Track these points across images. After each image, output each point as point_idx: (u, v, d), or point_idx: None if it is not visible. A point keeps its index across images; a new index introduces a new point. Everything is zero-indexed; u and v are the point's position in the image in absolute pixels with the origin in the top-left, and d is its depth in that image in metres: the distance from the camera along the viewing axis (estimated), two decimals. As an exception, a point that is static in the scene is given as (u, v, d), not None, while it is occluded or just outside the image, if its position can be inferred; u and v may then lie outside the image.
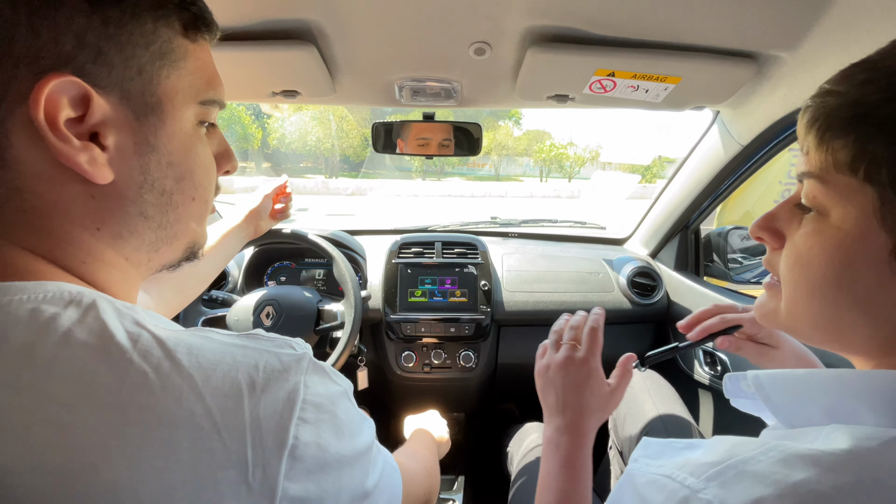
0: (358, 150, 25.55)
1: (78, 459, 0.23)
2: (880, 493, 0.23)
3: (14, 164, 0.28)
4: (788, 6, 0.59)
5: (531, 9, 0.63)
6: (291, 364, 0.31)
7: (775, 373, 0.35)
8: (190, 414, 0.26)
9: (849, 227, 0.30)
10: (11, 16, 0.26)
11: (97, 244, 0.33)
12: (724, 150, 0.99)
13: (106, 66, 0.29)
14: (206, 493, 0.25)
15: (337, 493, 0.31)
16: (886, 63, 0.28)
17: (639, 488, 0.31)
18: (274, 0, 0.60)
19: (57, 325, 0.26)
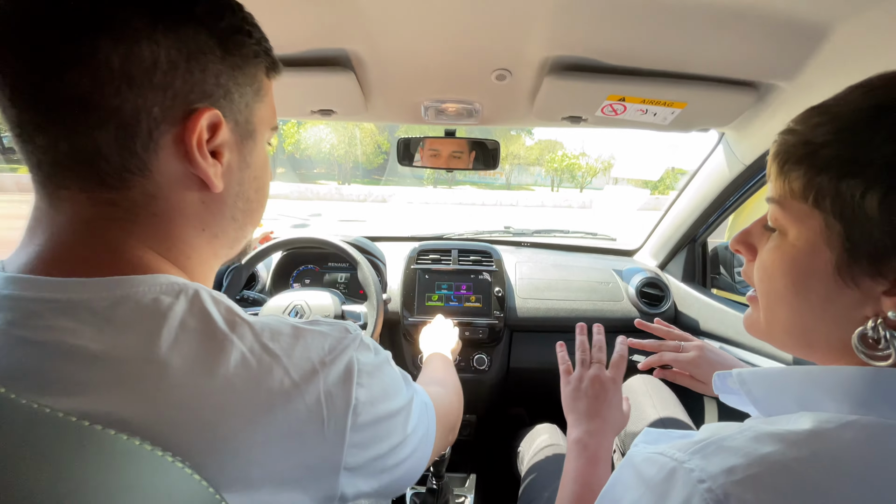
0: (371, 157, 25.86)
1: (200, 417, 0.30)
2: (833, 464, 0.28)
3: (155, 175, 0.35)
4: (786, 41, 0.65)
5: (550, 41, 0.70)
6: (348, 343, 0.39)
7: (756, 370, 0.40)
8: (280, 384, 0.33)
9: (802, 245, 0.35)
10: (175, 58, 0.33)
11: (199, 242, 0.40)
12: (728, 168, 1.04)
13: (229, 101, 0.37)
14: (295, 442, 0.33)
15: (386, 436, 0.40)
16: (835, 109, 0.33)
17: (636, 465, 0.36)
18: (321, 32, 0.69)
19: (174, 313, 0.32)
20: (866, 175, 0.30)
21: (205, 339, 0.32)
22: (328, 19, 0.65)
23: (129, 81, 0.31)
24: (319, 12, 0.63)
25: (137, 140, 0.33)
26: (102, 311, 0.30)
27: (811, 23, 0.60)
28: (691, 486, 0.29)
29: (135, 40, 0.31)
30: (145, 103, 0.32)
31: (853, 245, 0.31)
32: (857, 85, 0.33)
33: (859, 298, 0.32)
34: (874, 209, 0.29)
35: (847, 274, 0.32)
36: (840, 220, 0.32)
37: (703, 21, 0.62)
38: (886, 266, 0.30)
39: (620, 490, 0.36)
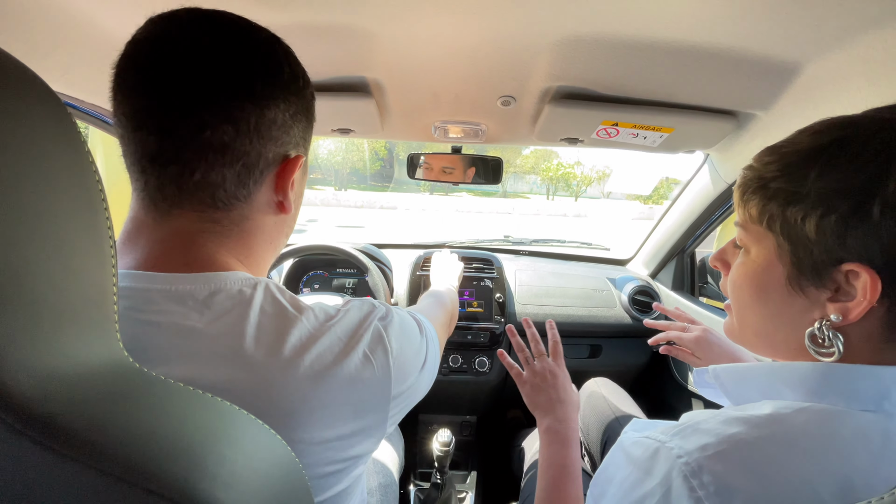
0: (367, 163, 25.92)
1: (281, 380, 0.37)
2: (788, 441, 0.32)
3: (252, 202, 0.44)
4: (762, 77, 0.73)
5: (551, 74, 0.78)
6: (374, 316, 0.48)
7: (727, 366, 0.46)
8: (336, 347, 0.41)
9: (760, 261, 0.41)
10: (283, 118, 0.43)
11: (266, 253, 0.49)
12: (713, 185, 1.13)
13: (304, 147, 0.48)
14: (357, 385, 0.41)
15: (413, 360, 0.51)
16: (784, 150, 0.39)
17: (625, 448, 0.41)
18: (345, 62, 0.76)
19: (255, 300, 0.40)
20: (804, 203, 0.36)
21: (280, 320, 0.40)
22: (352, 51, 0.73)
23: (259, 134, 0.41)
24: (345, 45, 0.71)
25: (251, 176, 0.42)
26: (203, 299, 0.38)
27: (783, 61, 0.68)
28: (671, 461, 0.34)
29: (266, 105, 0.41)
30: (264, 150, 0.42)
31: (798, 260, 0.37)
32: (803, 129, 0.39)
33: (808, 305, 0.38)
34: (812, 231, 0.35)
35: (796, 284, 0.38)
36: (787, 240, 0.38)
37: (687, 58, 0.70)
38: (826, 277, 0.36)
39: (612, 470, 0.41)
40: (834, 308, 0.36)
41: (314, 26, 0.66)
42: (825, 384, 0.36)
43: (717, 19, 0.59)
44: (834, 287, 0.36)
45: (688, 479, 0.32)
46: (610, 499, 0.39)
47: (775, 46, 0.64)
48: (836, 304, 0.36)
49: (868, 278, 0.33)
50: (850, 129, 0.35)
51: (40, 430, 0.23)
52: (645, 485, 0.35)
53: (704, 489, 0.31)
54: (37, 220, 0.23)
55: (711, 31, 0.62)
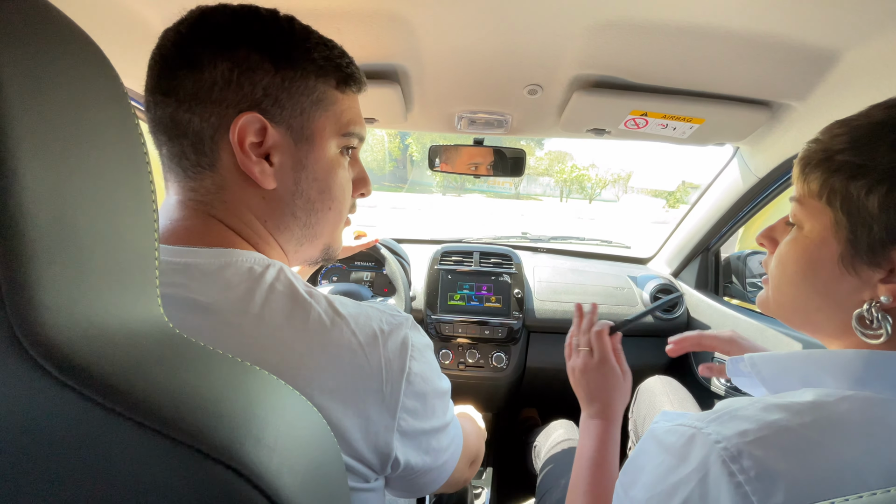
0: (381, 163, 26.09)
1: (287, 360, 0.36)
2: (830, 427, 0.32)
3: (220, 170, 0.42)
4: (798, 65, 0.71)
5: (580, 61, 0.77)
6: (402, 321, 0.45)
7: (764, 354, 0.45)
8: (349, 342, 0.39)
9: (814, 237, 0.40)
10: (229, 76, 0.40)
11: (265, 232, 0.46)
12: (742, 180, 1.10)
13: (279, 108, 0.42)
14: (358, 393, 0.39)
15: (430, 414, 0.45)
16: (854, 123, 0.38)
17: (658, 436, 0.40)
18: (376, 49, 0.76)
19: (265, 279, 0.40)
20: (870, 177, 0.35)
21: (290, 300, 0.39)
22: (382, 37, 0.73)
23: (197, 100, 0.40)
24: (378, 32, 0.71)
25: (205, 143, 0.41)
26: (210, 273, 0.38)
27: (821, 49, 0.66)
28: (709, 446, 0.33)
29: (201, 68, 0.39)
30: (206, 115, 0.40)
31: (855, 238, 0.36)
32: (876, 104, 0.38)
33: (858, 285, 0.37)
34: (875, 207, 0.34)
35: (849, 263, 0.37)
36: (847, 216, 0.37)
37: (721, 44, 0.68)
38: (883, 257, 0.35)
39: (643, 459, 0.40)
40: (887, 290, 0.35)
41: (345, 12, 0.66)
42: (870, 372, 0.35)
43: (754, 3, 0.58)
44: (889, 268, 0.35)
45: (727, 464, 0.31)
46: (641, 487, 0.38)
47: (813, 32, 0.62)
48: (889, 286, 0.35)
49: None
50: None
51: (82, 381, 0.23)
52: (679, 471, 0.34)
53: (745, 474, 0.30)
54: (85, 175, 0.23)
55: (747, 16, 0.61)
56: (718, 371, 0.72)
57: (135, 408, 0.24)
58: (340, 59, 0.46)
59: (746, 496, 0.30)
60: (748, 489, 0.30)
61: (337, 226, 0.53)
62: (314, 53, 0.44)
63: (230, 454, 0.24)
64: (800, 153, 0.42)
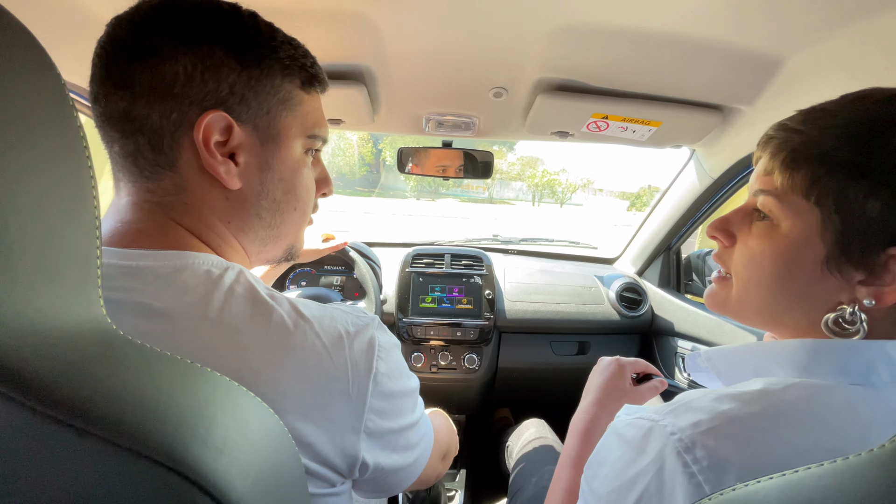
0: (354, 168, 25.83)
1: (248, 365, 0.35)
2: (778, 415, 0.32)
3: (181, 170, 0.41)
4: (746, 70, 0.75)
5: (543, 65, 0.79)
6: (368, 322, 0.44)
7: (718, 348, 0.46)
8: (313, 344, 0.39)
9: (795, 237, 0.38)
10: (192, 72, 0.39)
11: (227, 234, 0.45)
12: (699, 181, 1.15)
13: (246, 107, 0.41)
14: (324, 395, 0.38)
15: (398, 414, 0.45)
16: (843, 116, 0.35)
17: (618, 430, 0.40)
18: (341, 49, 0.76)
19: (223, 282, 0.38)
20: (872, 180, 0.33)
21: (250, 303, 0.38)
22: (348, 38, 0.73)
23: (157, 95, 0.38)
24: (341, 31, 0.71)
25: (164, 141, 0.39)
26: (165, 277, 0.37)
27: (766, 55, 0.70)
28: (665, 438, 0.34)
29: (159, 61, 0.38)
30: (167, 111, 0.38)
31: (846, 240, 0.35)
32: (857, 95, 0.36)
33: (838, 286, 0.36)
34: (876, 209, 0.33)
35: (834, 265, 0.36)
36: (840, 217, 0.35)
37: (676, 50, 0.71)
38: (871, 260, 0.34)
39: (605, 452, 0.41)
40: (867, 292, 0.35)
41: (306, 10, 0.66)
42: (814, 360, 0.37)
43: (706, 10, 0.61)
44: (871, 269, 0.35)
45: (681, 455, 0.32)
46: (602, 479, 0.39)
47: (759, 39, 0.66)
48: (869, 288, 0.35)
49: None
50: None
51: (14, 385, 0.22)
52: (638, 463, 0.35)
53: (698, 464, 0.31)
54: (13, 170, 0.22)
55: (700, 23, 0.64)
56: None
57: (71, 411, 0.22)
58: (305, 58, 0.46)
59: (699, 485, 0.31)
60: (701, 478, 0.31)
61: (301, 226, 0.53)
62: (280, 52, 0.43)
63: (173, 456, 0.23)
64: (774, 143, 0.39)
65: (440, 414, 0.75)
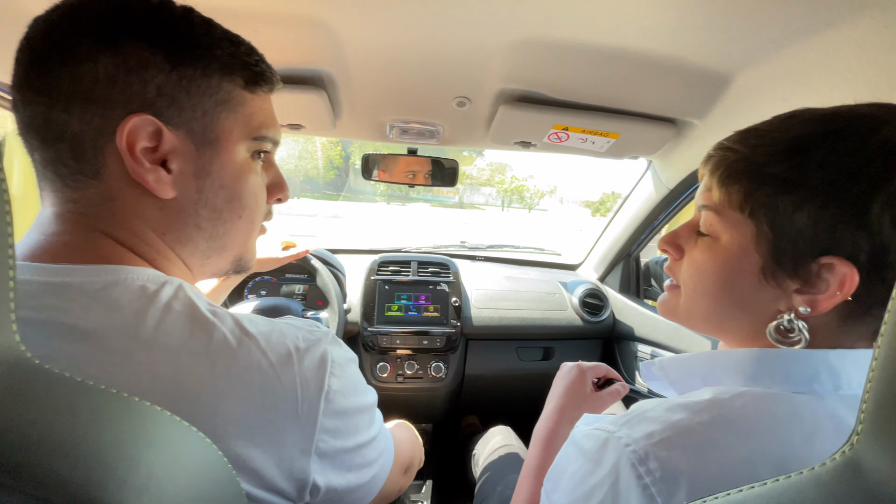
0: (322, 171, 25.37)
1: (185, 389, 0.33)
2: (727, 424, 0.34)
3: (107, 179, 0.38)
4: (698, 86, 0.78)
5: (504, 76, 0.79)
6: (321, 336, 0.42)
7: (671, 357, 0.47)
8: (258, 363, 0.37)
9: (734, 249, 0.40)
10: (113, 73, 0.36)
11: (163, 246, 0.42)
12: (655, 191, 1.20)
13: (177, 109, 0.38)
14: (271, 417, 0.36)
15: (353, 431, 0.43)
16: (773, 134, 0.37)
17: (577, 442, 0.41)
18: (299, 54, 0.74)
19: (159, 298, 0.36)
20: (800, 192, 0.35)
21: (189, 321, 0.36)
22: (306, 42, 0.71)
23: (75, 99, 0.35)
24: (299, 36, 0.69)
25: (86, 148, 0.36)
26: (92, 293, 0.34)
27: (717, 71, 0.73)
28: (620, 450, 0.34)
29: (78, 63, 0.35)
30: (87, 116, 0.36)
31: (779, 251, 0.37)
32: (787, 115, 0.38)
33: (776, 295, 0.38)
34: (804, 221, 0.35)
35: (770, 275, 0.38)
36: (772, 229, 0.37)
37: (632, 65, 0.73)
38: (804, 269, 0.36)
39: (564, 463, 0.41)
40: (803, 300, 0.36)
41: (262, 14, 0.63)
42: (760, 369, 0.38)
43: (660, 27, 0.63)
44: (804, 278, 0.36)
45: (635, 467, 0.33)
46: (561, 492, 0.39)
47: (710, 56, 0.69)
48: (804, 296, 0.36)
49: (848, 273, 0.34)
50: (842, 121, 0.35)
51: None
52: (595, 475, 0.35)
53: (651, 475, 0.32)
54: None
55: (655, 39, 0.66)
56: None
57: None
58: (248, 56, 0.43)
59: (652, 497, 0.31)
60: (654, 490, 0.31)
61: (249, 235, 0.49)
62: (217, 50, 0.40)
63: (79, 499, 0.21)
64: (713, 161, 0.41)
65: (403, 426, 0.74)
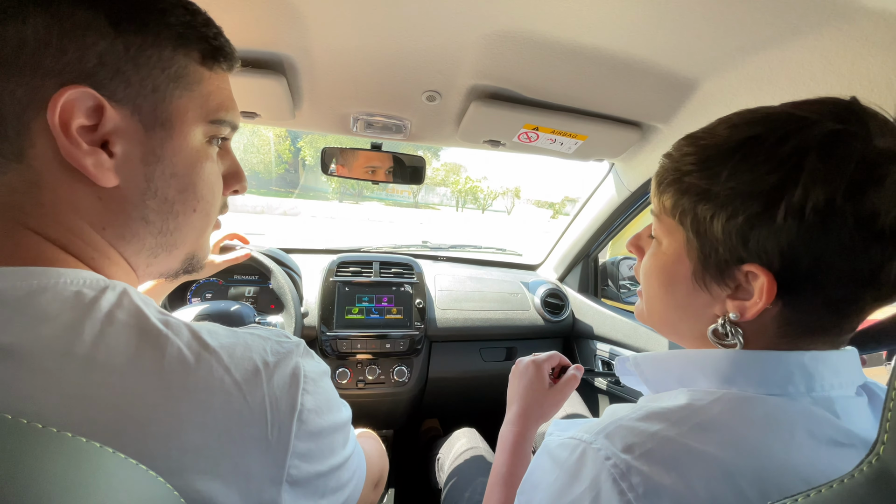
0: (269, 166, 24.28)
1: (130, 416, 0.27)
2: (705, 433, 0.33)
3: (32, 162, 0.32)
4: (664, 91, 0.80)
5: (477, 71, 0.77)
6: (292, 348, 0.38)
7: (646, 355, 0.47)
8: (220, 382, 0.31)
9: (670, 254, 0.41)
10: (45, 36, 0.30)
11: (102, 243, 0.36)
12: (617, 193, 1.23)
13: (123, 83, 0.33)
14: (236, 444, 0.31)
15: (328, 453, 0.38)
16: (702, 142, 0.38)
17: (551, 451, 0.40)
18: (257, 34, 0.67)
19: (99, 307, 0.30)
20: (714, 202, 0.36)
21: (136, 334, 0.30)
22: (266, 21, 0.64)
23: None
24: (257, 14, 0.62)
25: (8, 124, 0.31)
26: (14, 302, 0.28)
27: (683, 77, 0.75)
28: (600, 464, 0.33)
29: (2, 22, 0.30)
30: (10, 85, 0.30)
31: (705, 257, 0.38)
32: (723, 119, 0.38)
33: (710, 300, 0.39)
34: (718, 230, 0.36)
35: (701, 280, 0.39)
36: (696, 236, 0.38)
37: (604, 66, 0.73)
38: (728, 276, 0.37)
39: (539, 474, 0.40)
40: (733, 306, 0.37)
41: None
42: (736, 370, 0.38)
43: (633, 29, 0.63)
44: (734, 285, 0.37)
45: (617, 483, 0.32)
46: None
47: (679, 62, 0.71)
48: (735, 302, 0.37)
49: (765, 280, 0.34)
50: (765, 125, 0.35)
51: None
52: (573, 489, 0.34)
53: (633, 491, 0.31)
54: None
55: (626, 41, 0.66)
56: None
57: None
58: (206, 27, 0.38)
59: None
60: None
61: (203, 231, 0.44)
62: (170, 17, 0.35)
63: None
64: (658, 168, 0.43)
65: (370, 437, 0.69)
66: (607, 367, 1.37)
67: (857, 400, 0.39)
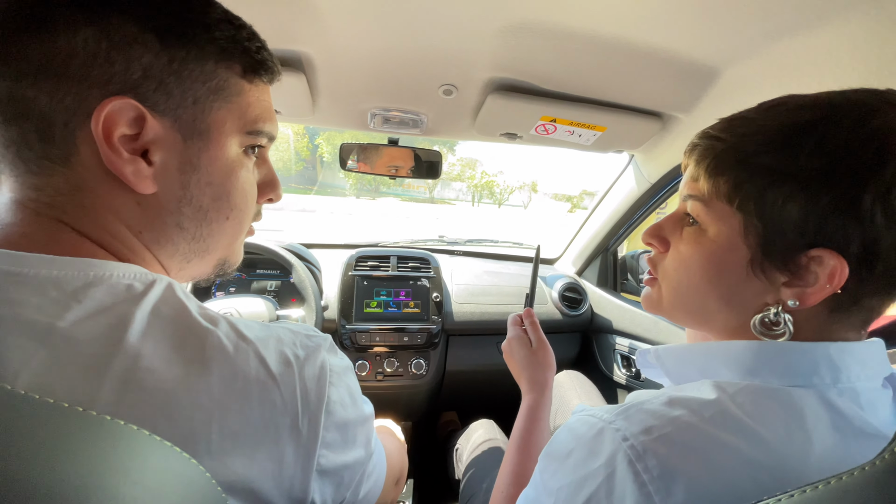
0: (288, 163, 24.63)
1: (176, 400, 0.29)
2: (726, 422, 0.33)
3: (76, 167, 0.33)
4: (686, 80, 0.78)
5: (494, 64, 0.77)
6: (320, 343, 0.40)
7: (668, 347, 0.46)
8: (257, 372, 0.33)
9: (721, 241, 0.39)
10: (94, 48, 0.32)
11: (139, 245, 0.38)
12: (637, 186, 1.21)
13: (165, 94, 0.34)
14: (271, 432, 0.33)
15: (352, 445, 0.40)
16: (760, 122, 0.36)
17: (571, 426, 0.40)
18: (277, 32, 0.68)
19: (147, 300, 0.32)
20: (791, 184, 0.34)
21: (179, 327, 0.32)
22: (285, 20, 0.65)
23: (46, 73, 0.31)
24: (277, 12, 0.63)
25: (55, 130, 0.32)
26: (73, 290, 0.29)
27: (705, 65, 0.73)
28: (616, 443, 0.33)
29: (55, 34, 0.31)
30: (59, 93, 0.32)
31: (768, 243, 0.36)
32: (774, 102, 0.37)
33: (764, 288, 0.37)
34: (794, 213, 0.34)
35: (758, 267, 0.37)
36: (761, 221, 0.36)
37: (622, 56, 0.72)
38: (793, 262, 0.35)
39: (557, 446, 0.40)
40: (791, 293, 0.36)
41: None
42: (760, 361, 0.37)
43: (653, 17, 0.62)
44: (793, 271, 0.36)
45: (633, 463, 0.32)
46: (553, 473, 0.38)
47: (700, 50, 0.69)
48: (792, 290, 0.36)
49: (839, 266, 0.33)
50: (833, 108, 0.34)
51: None
52: (589, 464, 0.34)
53: (648, 473, 0.31)
54: None
55: (647, 29, 0.65)
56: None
57: None
58: (250, 41, 0.39)
59: (650, 496, 0.30)
60: (651, 489, 0.30)
61: (236, 238, 0.45)
62: (216, 32, 0.36)
63: None
64: (699, 150, 0.40)
65: (390, 434, 0.71)
66: (626, 362, 1.36)
67: (883, 392, 0.37)
